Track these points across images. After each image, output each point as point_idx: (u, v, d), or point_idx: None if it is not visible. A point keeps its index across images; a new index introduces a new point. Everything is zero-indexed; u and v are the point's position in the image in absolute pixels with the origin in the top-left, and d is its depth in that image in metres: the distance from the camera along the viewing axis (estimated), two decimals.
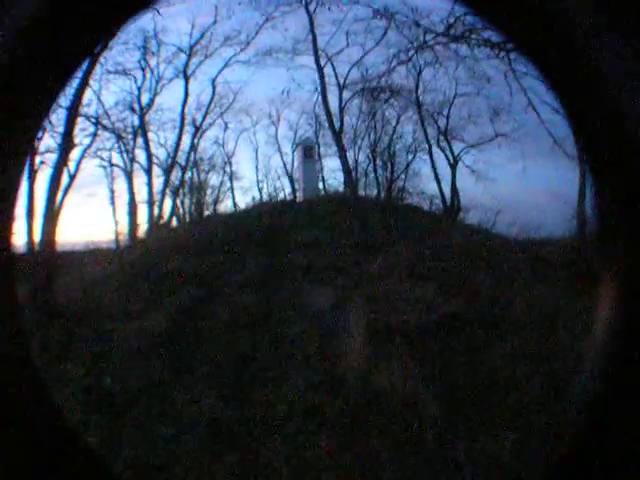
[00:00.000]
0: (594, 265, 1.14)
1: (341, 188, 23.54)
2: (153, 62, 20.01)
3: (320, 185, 24.28)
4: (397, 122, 24.19)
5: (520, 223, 18.48)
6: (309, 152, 22.22)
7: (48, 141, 15.01)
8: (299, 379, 7.99)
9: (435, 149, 22.33)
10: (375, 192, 23.73)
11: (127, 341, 9.62)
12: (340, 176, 24.17)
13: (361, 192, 22.26)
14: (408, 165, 24.49)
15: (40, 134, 14.20)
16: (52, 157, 14.26)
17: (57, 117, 14.75)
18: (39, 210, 13.16)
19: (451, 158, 22.27)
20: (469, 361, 8.07)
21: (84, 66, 13.74)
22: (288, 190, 26.54)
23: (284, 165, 27.48)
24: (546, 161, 32.28)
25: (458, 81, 21.45)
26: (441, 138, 22.42)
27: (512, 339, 8.47)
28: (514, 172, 33.82)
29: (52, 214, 12.86)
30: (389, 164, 24.18)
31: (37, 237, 13.03)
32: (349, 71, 21.30)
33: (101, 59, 14.95)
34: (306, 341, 9.31)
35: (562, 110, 1.12)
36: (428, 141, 22.18)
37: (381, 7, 19.69)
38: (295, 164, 25.99)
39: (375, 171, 24.35)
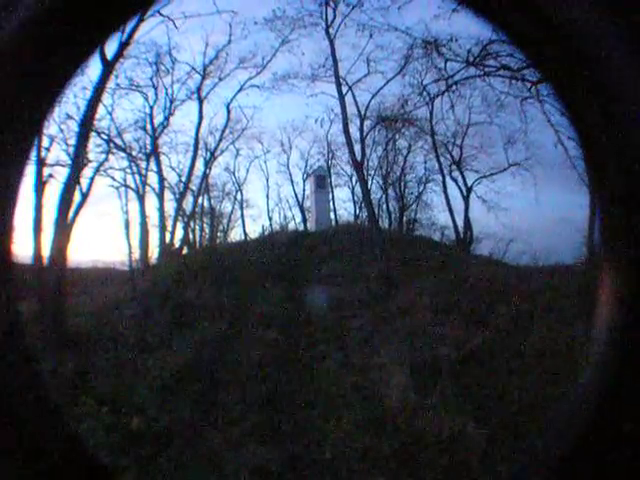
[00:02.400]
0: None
1: (351, 219, 23.21)
2: (167, 81, 19.57)
3: (331, 215, 23.93)
4: (408, 152, 23.88)
5: (531, 251, 18.49)
6: (321, 182, 21.86)
7: (58, 153, 14.49)
8: (342, 418, 7.55)
9: (447, 179, 22.01)
10: (387, 223, 23.43)
11: (150, 374, 9.02)
12: (350, 207, 23.75)
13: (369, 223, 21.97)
14: (419, 196, 24.18)
15: (49, 145, 14.17)
16: (62, 170, 13.65)
17: (67, 129, 14.62)
18: (48, 224, 12.58)
19: (464, 189, 21.89)
20: (500, 389, 8.15)
21: (98, 77, 13.43)
22: (299, 219, 26.24)
23: (295, 194, 27.10)
24: (557, 187, 32.15)
25: (472, 110, 21.09)
26: (453, 168, 22.13)
27: (535, 366, 8.56)
28: (526, 200, 33.64)
29: (63, 230, 12.15)
30: (401, 195, 23.87)
31: (46, 251, 12.46)
32: (370, 100, 20.83)
33: (114, 72, 14.30)
34: (341, 377, 8.95)
35: (571, 127, 1.10)
36: (442, 171, 21.84)
37: (404, 33, 19.21)
38: (307, 193, 25.61)
39: (387, 202, 24.02)
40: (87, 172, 14.59)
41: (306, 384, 8.88)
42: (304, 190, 26.23)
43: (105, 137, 16.22)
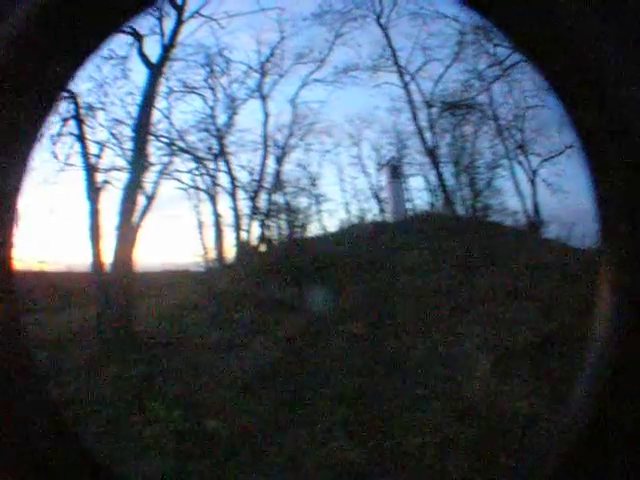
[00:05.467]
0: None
1: (427, 207, 22.82)
2: (224, 81, 19.45)
3: (407, 205, 23.53)
4: (475, 138, 23.30)
5: (591, 234, 17.91)
6: (395, 172, 21.50)
7: (113, 159, 14.45)
8: (428, 409, 7.34)
9: (514, 163, 21.42)
10: (461, 210, 22.98)
11: (230, 374, 8.69)
12: (425, 195, 23.35)
13: (446, 210, 21.61)
14: (490, 181, 23.57)
15: (99, 151, 14.08)
16: (120, 175, 13.70)
17: (120, 134, 14.56)
18: (109, 230, 12.56)
19: (530, 173, 21.27)
20: (577, 376, 7.50)
21: (146, 81, 13.48)
22: (376, 211, 25.97)
23: (370, 186, 26.84)
24: None
25: (527, 93, 20.46)
26: (518, 152, 21.52)
27: None
28: (585, 182, 33.49)
29: (127, 235, 12.10)
30: (472, 181, 23.32)
31: (109, 257, 12.44)
32: (434, 87, 20.44)
33: (163, 75, 14.19)
34: (426, 367, 8.69)
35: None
36: (508, 156, 21.26)
37: (454, 20, 18.81)
38: (382, 184, 25.31)
39: (460, 189, 23.49)
40: (151, 176, 14.37)
41: (392, 376, 8.62)
42: (379, 181, 26.02)
43: (166, 140, 16.13)
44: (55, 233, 15.88)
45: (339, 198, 37.51)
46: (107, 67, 14.08)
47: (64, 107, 13.51)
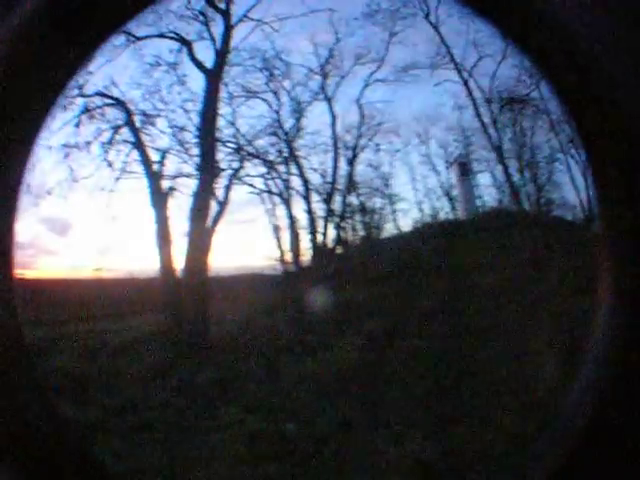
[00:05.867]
0: None
1: (495, 204, 22.57)
2: (286, 84, 19.46)
3: (477, 202, 23.38)
4: (532, 133, 22.91)
5: None
6: (464, 169, 21.32)
7: (179, 166, 14.54)
8: (501, 407, 7.35)
9: (568, 157, 21.01)
10: (527, 206, 22.65)
11: (308, 377, 8.78)
12: (492, 192, 23.14)
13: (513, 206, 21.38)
14: (550, 175, 23.18)
15: (161, 158, 13.99)
16: (188, 182, 13.69)
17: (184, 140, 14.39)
18: (179, 236, 12.80)
19: (582, 166, 20.76)
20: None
21: (204, 87, 13.62)
22: (447, 209, 25.84)
23: (440, 184, 26.68)
24: None
25: None
26: (570, 146, 21.09)
27: None
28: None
29: (199, 240, 12.29)
30: (535, 176, 22.97)
31: (179, 263, 12.62)
32: (491, 83, 20.18)
33: (223, 80, 14.29)
34: (500, 365, 8.66)
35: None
36: (563, 150, 20.83)
37: None
38: (452, 182, 25.18)
39: (524, 184, 23.17)
40: (221, 181, 14.37)
41: (469, 375, 8.62)
42: (449, 179, 25.89)
43: (234, 146, 16.15)
44: (117, 240, 15.91)
45: (412, 197, 37.27)
46: (157, 74, 14.09)
47: (112, 115, 13.85)
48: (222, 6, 13.72)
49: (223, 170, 14.33)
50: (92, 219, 15.28)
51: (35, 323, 13.12)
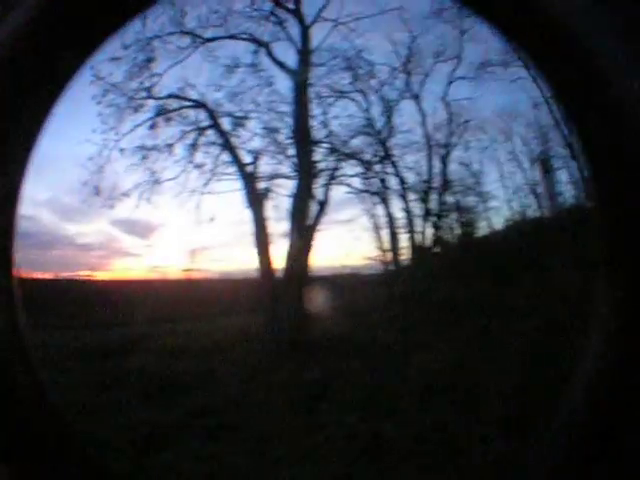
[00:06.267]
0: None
1: (576, 201, 21.77)
2: (373, 83, 19.29)
3: (560, 199, 22.64)
4: None
5: None
6: (546, 166, 20.64)
7: (275, 167, 14.52)
8: None
9: None
10: None
11: (410, 376, 8.66)
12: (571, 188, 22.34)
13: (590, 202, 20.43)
14: None
15: (253, 159, 14.03)
16: (285, 183, 13.83)
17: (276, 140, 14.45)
18: (279, 237, 12.91)
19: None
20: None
21: (292, 88, 13.70)
22: (535, 206, 25.30)
23: (526, 182, 26.15)
24: None
25: None
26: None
27: None
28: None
29: (300, 241, 12.40)
30: None
31: (278, 263, 12.69)
32: None
33: (309, 81, 14.13)
34: None
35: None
36: None
37: None
38: (536, 179, 24.59)
39: None
40: (319, 181, 14.27)
41: (565, 372, 7.91)
42: (534, 176, 25.33)
43: (328, 146, 16.08)
44: (208, 241, 16.11)
45: (501, 195, 36.82)
46: (237, 75, 14.13)
47: (193, 117, 14.08)
48: (290, 6, 13.74)
49: (322, 171, 14.29)
50: (180, 220, 15.50)
51: (113, 324, 13.70)
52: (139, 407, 7.95)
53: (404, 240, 18.14)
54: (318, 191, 13.62)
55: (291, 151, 13.90)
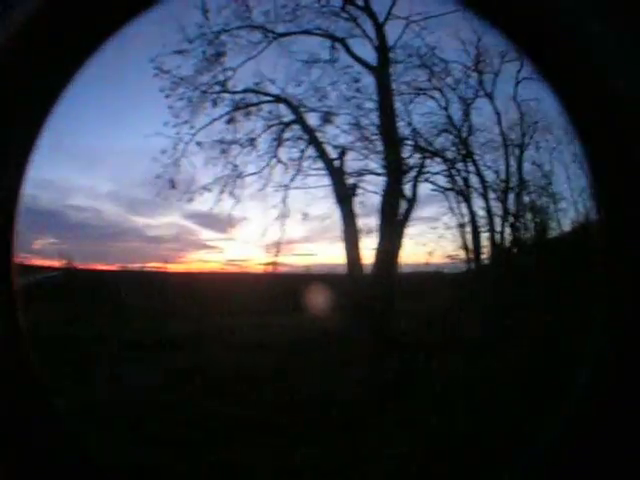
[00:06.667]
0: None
1: None
2: (448, 81, 19.12)
3: None
4: None
5: None
6: None
7: (364, 163, 14.39)
8: None
9: None
10: None
11: (479, 378, 8.56)
12: None
13: None
14: None
15: (339, 156, 13.93)
16: (374, 179, 13.79)
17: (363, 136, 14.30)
18: (368, 233, 12.91)
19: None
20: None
21: (376, 85, 13.56)
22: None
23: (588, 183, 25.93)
24: None
25: None
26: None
27: None
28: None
29: (389, 238, 12.39)
30: None
31: (367, 259, 12.69)
32: None
33: (391, 78, 14.01)
34: None
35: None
36: None
37: None
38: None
39: None
40: (407, 179, 14.15)
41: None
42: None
43: (412, 143, 15.94)
44: (291, 235, 16.01)
45: (569, 197, 36.64)
46: (316, 71, 14.03)
47: (275, 111, 14.14)
48: (359, 3, 13.60)
49: (411, 168, 14.26)
50: (260, 215, 15.38)
51: (183, 316, 13.70)
52: (211, 401, 7.84)
53: (485, 239, 18.01)
54: (406, 188, 13.63)
55: (378, 147, 13.85)
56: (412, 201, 13.41)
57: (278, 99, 13.92)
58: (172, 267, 17.92)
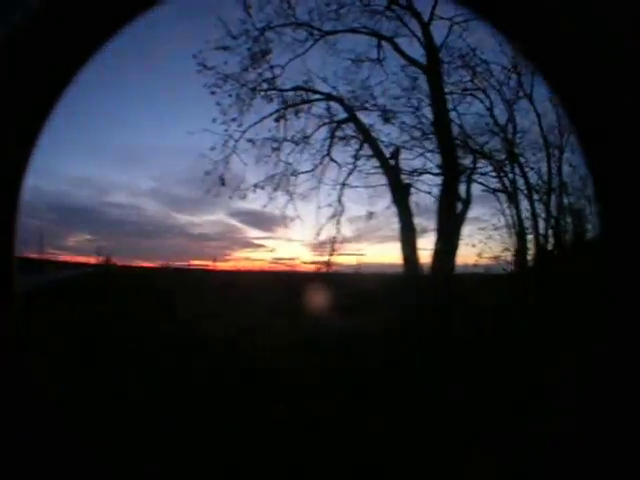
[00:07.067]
0: None
1: None
2: (492, 82, 19.06)
3: None
4: None
5: None
6: None
7: (420, 162, 14.33)
8: None
9: None
10: None
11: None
12: None
13: None
14: None
15: (394, 155, 13.86)
16: (431, 179, 13.93)
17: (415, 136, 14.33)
18: (424, 231, 12.96)
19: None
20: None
21: (428, 84, 13.48)
22: None
23: None
24: None
25: None
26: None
27: None
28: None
29: (445, 237, 12.28)
30: None
31: (423, 258, 12.63)
32: None
33: (441, 78, 13.95)
34: None
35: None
36: None
37: None
38: None
39: None
40: (461, 179, 14.04)
41: None
42: None
43: (464, 143, 15.89)
44: (343, 234, 15.90)
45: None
46: (365, 69, 14.13)
47: (325, 110, 14.05)
48: (403, 2, 13.51)
49: (467, 168, 14.32)
50: (312, 213, 15.23)
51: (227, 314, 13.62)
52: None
53: (530, 241, 18.00)
54: (460, 188, 13.52)
55: (431, 147, 13.96)
56: (467, 201, 13.36)
57: (329, 97, 13.84)
58: (219, 265, 17.89)
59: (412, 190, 13.42)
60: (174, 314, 13.72)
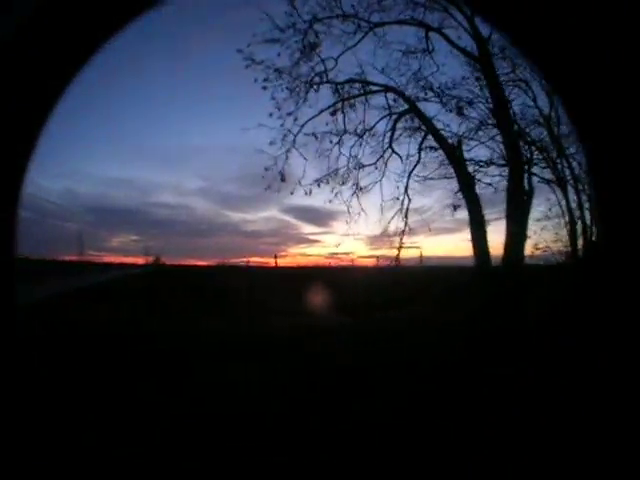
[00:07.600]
0: None
1: None
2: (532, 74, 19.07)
3: None
4: None
5: None
6: None
7: (478, 153, 14.29)
8: None
9: None
10: None
11: None
12: None
13: None
14: None
15: (456, 145, 13.77)
16: (497, 171, 13.91)
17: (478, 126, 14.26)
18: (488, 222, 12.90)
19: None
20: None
21: (489, 74, 13.36)
22: None
23: None
24: None
25: None
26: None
27: None
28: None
29: (514, 228, 12.27)
30: None
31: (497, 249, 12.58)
32: None
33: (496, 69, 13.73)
34: None
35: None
36: None
37: None
38: None
39: None
40: (524, 170, 13.94)
41: None
42: None
43: (521, 134, 15.90)
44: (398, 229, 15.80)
45: None
46: (416, 60, 13.96)
47: (383, 101, 13.93)
48: None
49: (530, 160, 14.34)
50: (371, 208, 15.45)
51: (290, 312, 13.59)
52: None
53: (578, 231, 18.06)
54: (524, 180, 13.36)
55: (495, 138, 13.85)
56: (530, 192, 13.39)
57: (387, 88, 13.71)
58: (272, 261, 17.85)
59: (476, 182, 13.39)
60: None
